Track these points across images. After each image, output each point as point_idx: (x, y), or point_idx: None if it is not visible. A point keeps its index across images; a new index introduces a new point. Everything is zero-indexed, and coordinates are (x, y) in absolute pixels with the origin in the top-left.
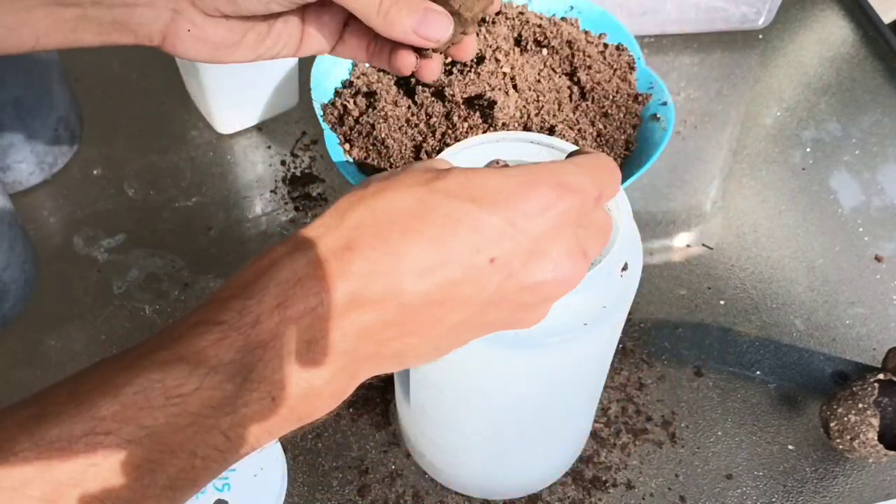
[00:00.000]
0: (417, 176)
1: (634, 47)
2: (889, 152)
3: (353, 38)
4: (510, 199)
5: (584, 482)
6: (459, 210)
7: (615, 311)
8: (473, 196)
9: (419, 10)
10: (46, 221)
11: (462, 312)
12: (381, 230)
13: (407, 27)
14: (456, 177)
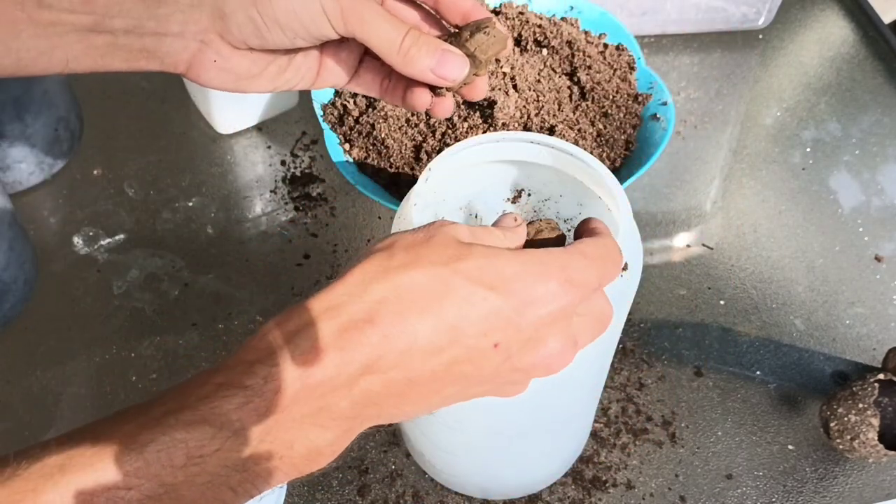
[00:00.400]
0: (440, 252)
1: (634, 47)
2: (889, 152)
3: (369, 74)
4: (522, 289)
5: (584, 482)
6: (476, 295)
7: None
8: (491, 283)
9: (438, 51)
10: (46, 221)
11: (458, 386)
12: (403, 308)
13: (425, 66)
14: (476, 260)
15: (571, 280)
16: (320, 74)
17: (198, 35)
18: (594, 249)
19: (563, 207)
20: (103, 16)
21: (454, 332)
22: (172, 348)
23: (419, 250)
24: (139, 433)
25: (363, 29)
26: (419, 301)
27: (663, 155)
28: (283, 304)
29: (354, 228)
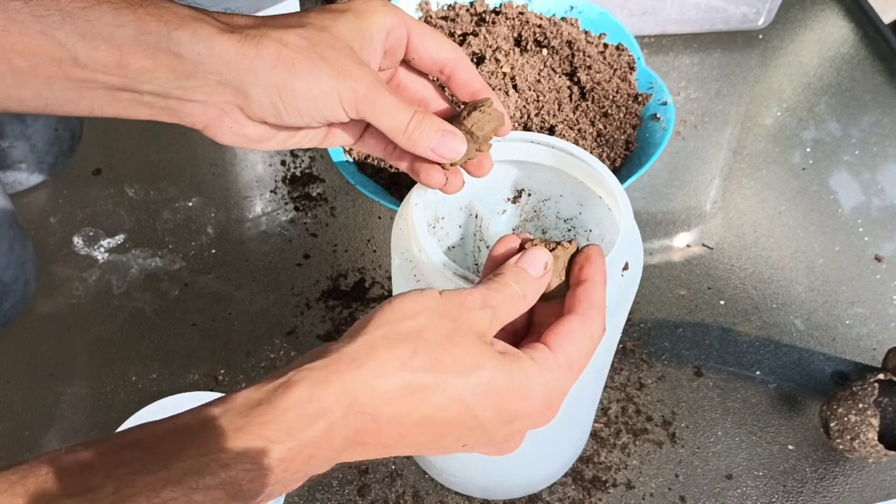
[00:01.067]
0: (459, 363)
1: (634, 47)
2: (889, 152)
3: (373, 139)
4: (508, 411)
5: (584, 482)
6: (468, 415)
7: (616, 310)
8: (484, 406)
9: (438, 132)
10: (46, 221)
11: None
12: (405, 414)
13: (426, 146)
14: (483, 380)
15: (551, 404)
16: (327, 139)
17: (219, 104)
18: (582, 348)
19: (563, 207)
20: (134, 80)
21: (438, 438)
22: (172, 348)
23: (440, 354)
24: (162, 488)
25: (374, 115)
26: (421, 413)
27: (663, 155)
28: (283, 304)
29: (354, 228)
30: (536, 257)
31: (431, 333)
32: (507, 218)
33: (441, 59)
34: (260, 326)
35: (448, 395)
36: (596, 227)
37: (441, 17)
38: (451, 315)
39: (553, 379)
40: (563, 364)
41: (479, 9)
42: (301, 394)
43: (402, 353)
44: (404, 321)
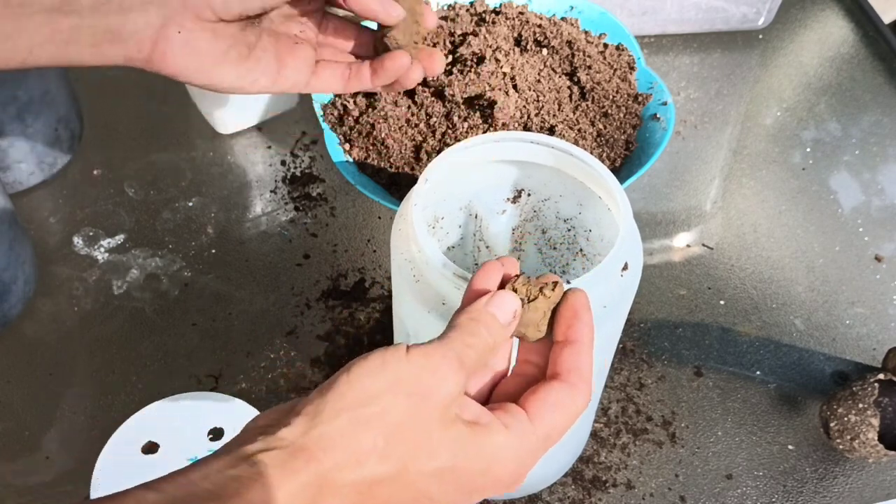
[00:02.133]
0: (427, 445)
1: (634, 47)
2: (889, 152)
3: (327, 70)
4: (470, 486)
5: (584, 482)
6: (433, 485)
7: (615, 310)
8: (433, 496)
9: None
10: (46, 221)
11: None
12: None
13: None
14: (452, 455)
15: (519, 477)
16: (280, 72)
17: (161, 10)
18: (565, 421)
19: (563, 207)
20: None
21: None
22: (172, 348)
23: (399, 441)
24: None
25: None
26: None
27: (663, 155)
28: (283, 304)
29: (354, 228)
30: (505, 302)
31: (393, 417)
32: (506, 218)
33: None
34: (260, 326)
35: (404, 484)
36: (595, 227)
37: (441, 17)
38: (419, 390)
39: (526, 451)
40: (540, 436)
41: (479, 9)
42: (260, 488)
43: (363, 444)
44: (366, 407)
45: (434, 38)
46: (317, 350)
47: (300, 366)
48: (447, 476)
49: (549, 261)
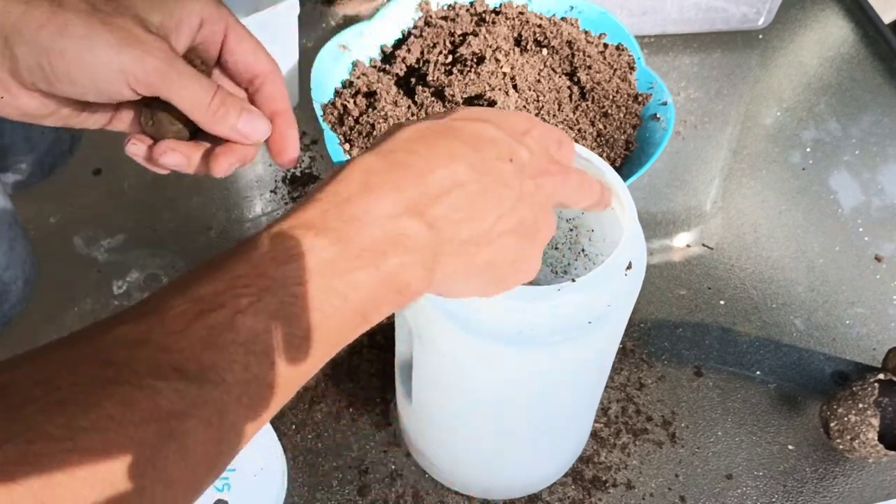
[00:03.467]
0: (426, 122)
1: (634, 47)
2: (889, 152)
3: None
4: (506, 121)
5: (584, 482)
6: (477, 126)
7: (619, 309)
8: (483, 118)
9: (243, 110)
10: (46, 221)
11: (498, 213)
12: (427, 154)
13: (231, 124)
14: (461, 112)
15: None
16: (112, 122)
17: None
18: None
19: None
20: None
21: (477, 160)
22: None
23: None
24: (245, 246)
25: (171, 89)
26: (444, 150)
27: (663, 155)
28: None
29: None
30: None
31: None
32: None
33: (256, 69)
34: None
35: (448, 126)
36: (598, 227)
37: (441, 17)
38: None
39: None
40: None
41: (479, 9)
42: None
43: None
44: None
45: (434, 37)
46: None
47: None
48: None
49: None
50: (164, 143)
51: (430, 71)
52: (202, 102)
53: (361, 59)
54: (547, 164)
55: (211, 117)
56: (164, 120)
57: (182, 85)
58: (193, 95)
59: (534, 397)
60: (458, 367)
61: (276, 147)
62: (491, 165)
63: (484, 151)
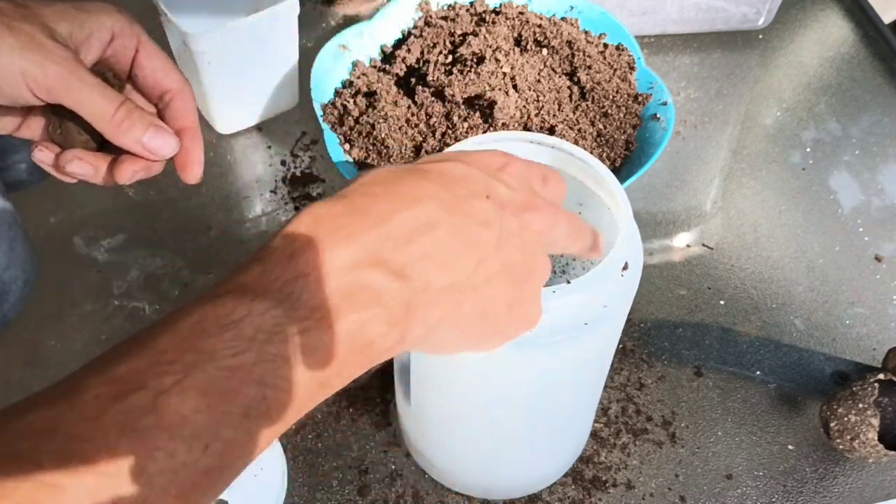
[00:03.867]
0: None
1: (634, 47)
2: (889, 152)
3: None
4: (478, 159)
5: (584, 482)
6: (446, 166)
7: (616, 310)
8: (451, 158)
9: (151, 125)
10: (46, 221)
11: (485, 264)
12: (394, 197)
13: (136, 138)
14: (425, 159)
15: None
16: (21, 129)
17: None
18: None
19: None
20: None
21: (448, 199)
22: None
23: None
24: (170, 318)
25: (72, 97)
26: (408, 190)
27: (663, 155)
28: None
29: None
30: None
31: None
32: None
33: (166, 85)
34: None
35: (414, 171)
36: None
37: (441, 17)
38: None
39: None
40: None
41: (479, 9)
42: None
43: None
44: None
45: (434, 37)
46: None
47: None
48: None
49: None
50: (70, 151)
51: (430, 71)
52: (106, 112)
53: (361, 59)
54: (531, 199)
55: (115, 128)
56: (72, 129)
57: (84, 93)
58: (96, 105)
59: (532, 398)
60: (456, 368)
61: (181, 162)
62: (464, 204)
63: (455, 190)
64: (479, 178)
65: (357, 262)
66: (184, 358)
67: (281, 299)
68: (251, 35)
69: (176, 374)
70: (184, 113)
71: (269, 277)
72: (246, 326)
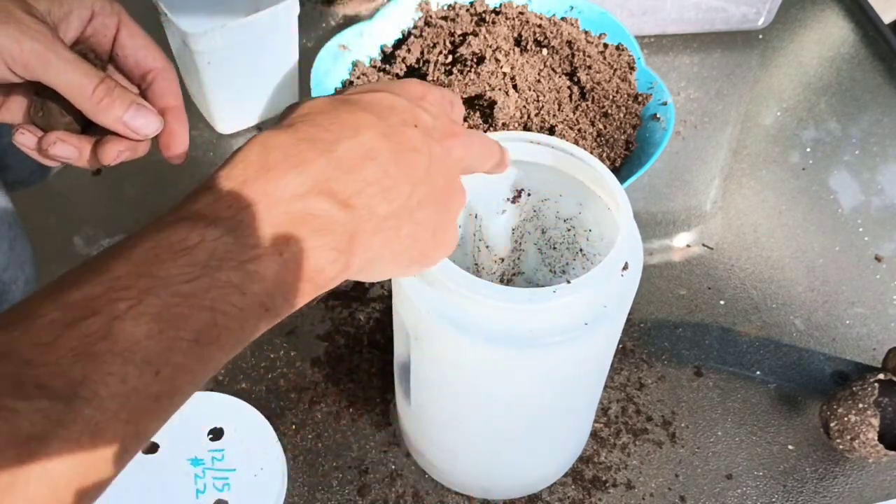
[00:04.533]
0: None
1: (634, 47)
2: (889, 152)
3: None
4: (403, 89)
5: (584, 482)
6: (376, 96)
7: (616, 310)
8: (378, 88)
9: (133, 103)
10: (46, 221)
11: (412, 186)
12: (328, 128)
13: (117, 116)
14: (353, 88)
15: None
16: (0, 113)
17: None
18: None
19: (563, 207)
20: None
21: (384, 128)
22: None
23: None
24: (123, 245)
25: (50, 72)
26: (349, 119)
27: (663, 155)
28: None
29: None
30: None
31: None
32: (506, 217)
33: (148, 65)
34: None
35: (344, 101)
36: (595, 227)
37: (441, 17)
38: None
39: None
40: None
41: (479, 9)
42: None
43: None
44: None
45: (434, 37)
46: (317, 350)
47: (300, 365)
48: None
49: (549, 260)
50: (52, 134)
51: (430, 71)
52: (85, 89)
53: (361, 59)
54: (451, 126)
55: (95, 106)
56: (54, 111)
57: (61, 69)
58: (74, 81)
59: (532, 398)
60: (455, 368)
61: (165, 142)
62: (398, 131)
63: (389, 118)
64: (406, 107)
65: (306, 190)
66: (138, 283)
67: (233, 227)
68: (251, 35)
69: (130, 299)
70: (167, 92)
71: (221, 205)
72: (199, 252)
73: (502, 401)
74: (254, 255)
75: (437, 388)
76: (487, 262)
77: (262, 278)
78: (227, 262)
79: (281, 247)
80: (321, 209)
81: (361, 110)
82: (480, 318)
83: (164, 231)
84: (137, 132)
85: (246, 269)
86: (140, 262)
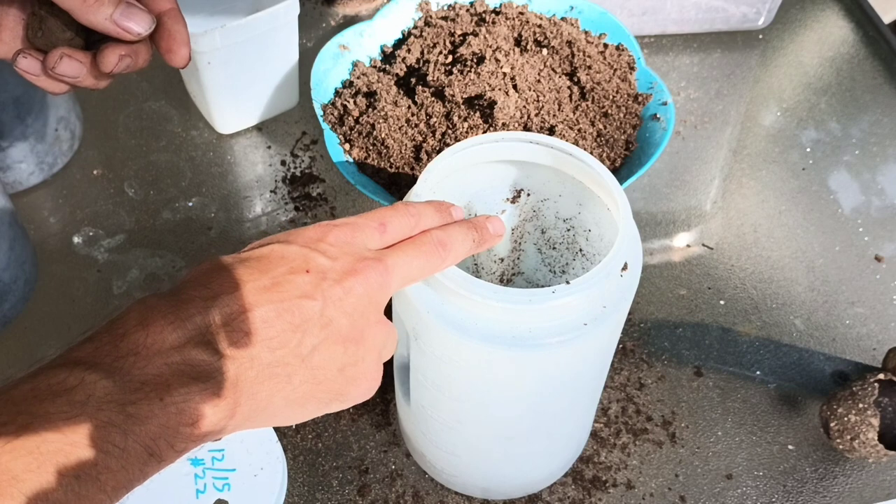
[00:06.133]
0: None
1: (634, 47)
2: (889, 152)
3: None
4: (298, 234)
5: (584, 482)
6: (266, 245)
7: (615, 310)
8: (273, 239)
9: (122, 2)
10: (46, 221)
11: (309, 324)
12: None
13: (106, 14)
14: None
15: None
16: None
17: None
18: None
19: (563, 207)
20: None
21: (266, 281)
22: None
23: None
24: (11, 385)
25: None
26: (227, 278)
27: (663, 155)
28: None
29: None
30: None
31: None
32: (506, 217)
33: None
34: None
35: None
36: (595, 227)
37: (441, 17)
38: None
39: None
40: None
41: (479, 9)
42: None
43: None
44: None
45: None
46: None
47: None
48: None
49: (549, 260)
50: (56, 50)
51: (430, 71)
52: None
53: (361, 59)
54: (353, 264)
55: (81, 4)
56: (54, 27)
57: None
58: None
59: (532, 398)
60: (455, 369)
61: (165, 45)
62: (283, 281)
63: (273, 271)
64: (297, 254)
65: (185, 342)
66: (17, 420)
67: (112, 372)
68: (251, 35)
69: (8, 435)
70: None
71: (100, 353)
72: (78, 393)
73: (502, 401)
74: (134, 398)
75: (436, 389)
76: (487, 262)
77: (143, 420)
78: (107, 403)
79: (161, 391)
80: (199, 359)
81: (245, 267)
82: (480, 319)
83: (42, 374)
84: (129, 32)
85: (126, 412)
86: (19, 401)
